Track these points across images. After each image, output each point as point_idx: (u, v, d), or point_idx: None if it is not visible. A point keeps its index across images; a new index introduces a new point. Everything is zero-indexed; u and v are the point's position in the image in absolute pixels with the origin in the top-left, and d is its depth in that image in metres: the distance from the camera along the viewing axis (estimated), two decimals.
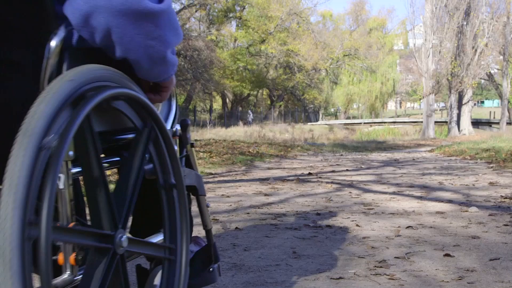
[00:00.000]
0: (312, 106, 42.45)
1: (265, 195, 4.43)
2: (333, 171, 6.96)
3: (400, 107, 64.63)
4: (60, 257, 0.92)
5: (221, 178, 5.75)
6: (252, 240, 2.67)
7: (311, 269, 2.10)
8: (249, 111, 35.40)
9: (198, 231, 1.97)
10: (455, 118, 26.67)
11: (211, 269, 1.41)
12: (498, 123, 30.22)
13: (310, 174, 6.47)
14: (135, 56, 1.05)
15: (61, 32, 0.98)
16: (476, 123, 31.77)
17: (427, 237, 2.70)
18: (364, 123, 37.36)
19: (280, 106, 39.57)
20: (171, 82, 1.21)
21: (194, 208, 1.51)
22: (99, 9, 0.96)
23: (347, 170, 7.23)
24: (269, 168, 7.36)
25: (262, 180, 5.61)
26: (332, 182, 5.48)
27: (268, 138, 17.31)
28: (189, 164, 1.43)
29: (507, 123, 28.02)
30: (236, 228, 2.97)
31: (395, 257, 2.27)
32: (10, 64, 1.00)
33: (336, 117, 47.48)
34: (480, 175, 6.11)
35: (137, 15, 0.98)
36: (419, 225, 3.03)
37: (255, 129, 21.53)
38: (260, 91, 38.99)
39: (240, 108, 36.76)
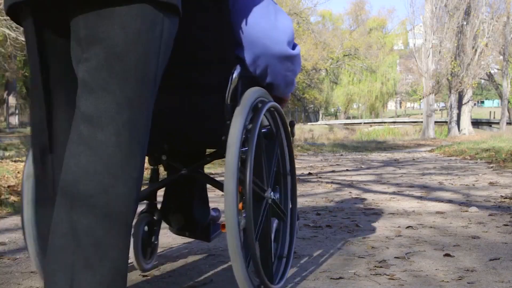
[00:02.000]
0: (312, 106, 42.44)
1: None
2: (333, 171, 6.96)
3: (400, 107, 64.58)
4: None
5: (221, 178, 5.73)
6: None
7: (311, 269, 2.10)
8: None
9: None
10: (455, 118, 26.65)
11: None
12: (498, 123, 30.21)
13: (310, 174, 6.47)
14: (277, 82, 1.73)
15: (239, 68, 1.55)
16: (476, 123, 31.75)
17: (427, 237, 2.69)
18: (364, 123, 37.33)
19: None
20: (289, 97, 1.91)
21: None
22: (263, 54, 1.61)
23: (347, 170, 7.23)
24: None
25: None
26: (332, 182, 5.49)
27: None
28: None
29: (507, 123, 28.01)
30: None
31: (395, 257, 2.27)
32: (203, 86, 1.59)
33: (336, 117, 47.47)
34: (480, 175, 6.11)
35: (284, 57, 1.65)
36: (419, 225, 3.03)
37: None
38: None
39: None
